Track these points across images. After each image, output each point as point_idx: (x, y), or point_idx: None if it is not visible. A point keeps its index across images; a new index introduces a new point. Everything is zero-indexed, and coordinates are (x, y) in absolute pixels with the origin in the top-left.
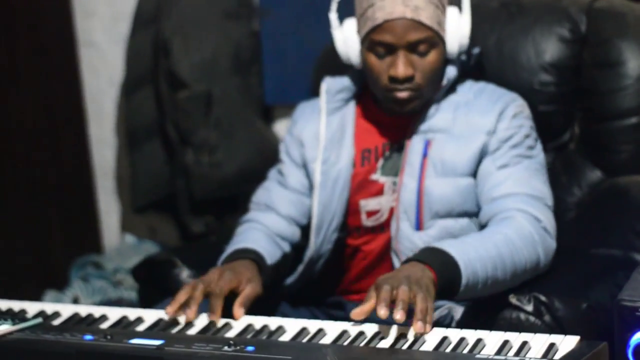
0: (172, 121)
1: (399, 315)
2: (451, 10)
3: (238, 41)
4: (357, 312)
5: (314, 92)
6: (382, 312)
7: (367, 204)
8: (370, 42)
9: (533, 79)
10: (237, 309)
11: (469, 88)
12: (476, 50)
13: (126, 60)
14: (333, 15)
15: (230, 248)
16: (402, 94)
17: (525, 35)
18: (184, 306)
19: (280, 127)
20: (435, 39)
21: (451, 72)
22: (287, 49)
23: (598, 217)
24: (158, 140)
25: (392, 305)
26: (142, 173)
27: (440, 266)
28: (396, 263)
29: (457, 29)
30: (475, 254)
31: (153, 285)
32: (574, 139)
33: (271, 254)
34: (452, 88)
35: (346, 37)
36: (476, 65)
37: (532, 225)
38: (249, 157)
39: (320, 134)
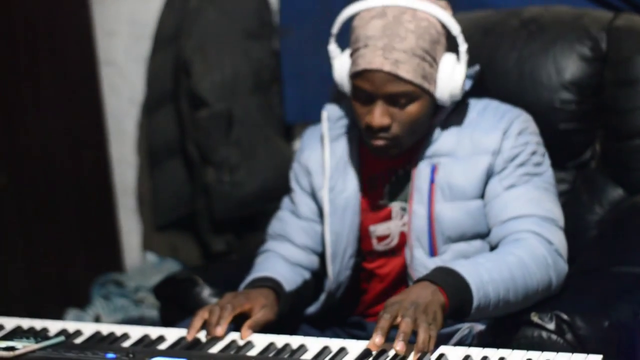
0: (192, 140)
1: (399, 347)
2: (447, 58)
3: (258, 60)
4: (372, 345)
5: None
6: (377, 340)
7: (376, 229)
8: (353, 85)
9: (554, 97)
10: (245, 331)
11: (472, 107)
12: (476, 69)
13: (147, 79)
14: (332, 46)
15: (249, 278)
16: (378, 142)
17: (546, 53)
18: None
19: None
20: (417, 93)
21: (448, 108)
22: (307, 68)
23: (620, 235)
24: (179, 159)
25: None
26: (163, 192)
27: (452, 288)
28: None
29: (450, 79)
30: (488, 276)
31: (174, 303)
32: (595, 157)
33: (290, 281)
34: (454, 110)
35: (342, 70)
36: (478, 83)
37: (545, 248)
38: (270, 176)
39: (325, 162)
